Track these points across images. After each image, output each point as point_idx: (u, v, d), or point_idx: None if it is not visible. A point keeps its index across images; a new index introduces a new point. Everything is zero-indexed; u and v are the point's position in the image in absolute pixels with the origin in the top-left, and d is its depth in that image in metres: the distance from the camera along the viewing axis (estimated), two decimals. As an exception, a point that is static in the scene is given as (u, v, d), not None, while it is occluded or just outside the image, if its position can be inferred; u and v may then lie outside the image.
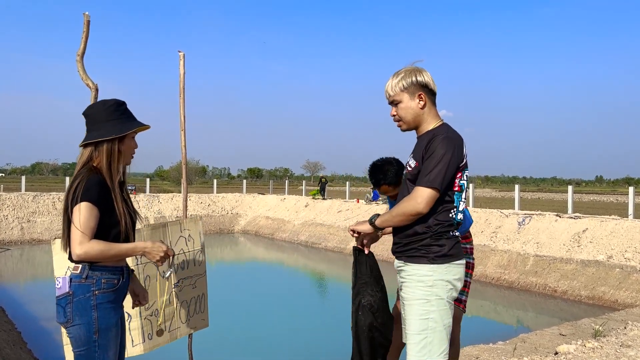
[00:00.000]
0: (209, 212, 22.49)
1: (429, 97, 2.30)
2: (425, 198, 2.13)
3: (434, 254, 2.19)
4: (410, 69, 2.31)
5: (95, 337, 2.08)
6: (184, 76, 3.41)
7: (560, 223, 12.38)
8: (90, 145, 2.21)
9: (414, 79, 2.29)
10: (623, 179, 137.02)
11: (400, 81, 2.30)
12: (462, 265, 2.24)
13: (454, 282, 2.20)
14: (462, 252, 2.29)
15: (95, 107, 2.28)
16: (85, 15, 2.93)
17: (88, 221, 2.04)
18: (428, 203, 2.14)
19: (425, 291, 2.18)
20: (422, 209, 2.14)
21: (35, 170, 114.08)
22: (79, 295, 2.08)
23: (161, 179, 61.45)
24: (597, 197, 52.79)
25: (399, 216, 2.20)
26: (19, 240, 17.50)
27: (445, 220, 2.21)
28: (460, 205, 2.26)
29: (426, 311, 2.17)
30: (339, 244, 16.93)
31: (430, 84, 2.30)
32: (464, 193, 2.28)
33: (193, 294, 3.34)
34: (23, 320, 7.78)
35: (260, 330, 8.13)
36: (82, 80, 2.89)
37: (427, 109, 2.30)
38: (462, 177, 2.24)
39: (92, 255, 2.04)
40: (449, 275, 2.19)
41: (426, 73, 2.31)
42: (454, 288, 2.21)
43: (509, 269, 11.83)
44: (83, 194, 2.06)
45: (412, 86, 2.29)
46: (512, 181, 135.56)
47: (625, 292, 9.64)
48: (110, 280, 2.15)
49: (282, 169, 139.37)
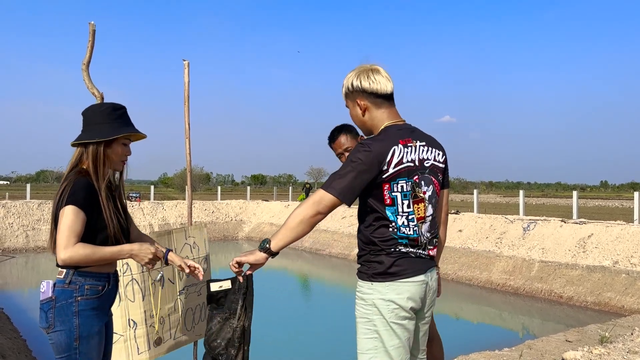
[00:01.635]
0: (213, 219, 22.50)
1: (371, 102, 2.09)
2: (314, 197, 1.99)
3: (372, 270, 2.03)
4: (349, 74, 2.13)
5: (76, 344, 2.05)
6: (189, 84, 3.43)
7: (565, 228, 12.33)
8: (80, 145, 2.19)
9: (349, 85, 2.12)
10: (628, 184, 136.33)
11: (342, 88, 2.17)
12: (412, 283, 2.01)
13: (399, 300, 1.98)
14: (415, 268, 2.03)
15: (92, 108, 2.27)
16: (90, 24, 2.96)
17: (73, 225, 2.00)
18: (318, 202, 1.98)
19: (366, 310, 2.03)
20: (311, 209, 1.98)
21: (40, 178, 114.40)
22: (61, 301, 2.05)
23: (165, 186, 61.52)
24: (602, 202, 52.56)
25: (292, 222, 1.99)
26: (23, 248, 17.55)
27: (382, 236, 2.02)
28: (398, 220, 2.01)
29: (368, 330, 2.02)
30: (343, 250, 16.90)
31: (368, 87, 2.07)
32: (402, 206, 2.01)
33: (198, 301, 3.34)
34: (28, 328, 7.77)
35: (265, 337, 8.11)
36: (88, 89, 2.91)
37: (370, 115, 2.12)
38: (393, 188, 1.99)
39: (77, 259, 2.00)
40: (391, 294, 1.98)
41: (365, 74, 2.09)
42: (399, 307, 1.98)
43: (514, 275, 11.78)
44: (69, 198, 2.03)
45: (350, 93, 2.13)
46: (517, 186, 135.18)
47: (632, 297, 9.58)
48: (95, 286, 2.11)
49: (286, 176, 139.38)
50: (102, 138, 2.17)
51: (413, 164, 2.05)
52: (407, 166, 2.02)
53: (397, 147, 2.01)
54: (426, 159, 2.10)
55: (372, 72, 2.09)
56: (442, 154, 2.20)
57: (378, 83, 2.08)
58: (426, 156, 2.10)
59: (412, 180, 2.04)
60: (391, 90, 2.11)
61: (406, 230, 2.03)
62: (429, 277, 2.11)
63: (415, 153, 2.06)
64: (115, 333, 2.62)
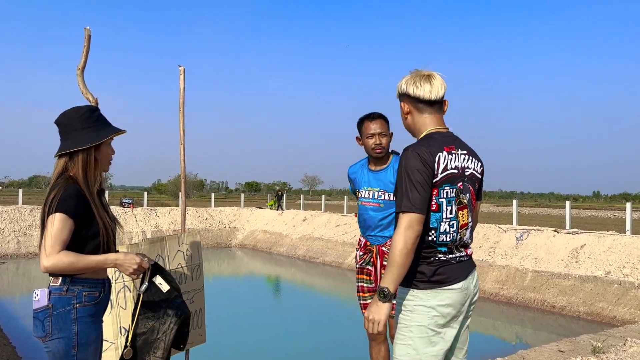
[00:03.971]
0: (206, 226, 22.41)
1: (413, 106, 2.17)
2: (402, 225, 1.94)
3: (414, 279, 2.05)
4: (403, 78, 2.21)
5: (74, 352, 2.03)
6: (184, 90, 3.43)
7: (558, 238, 12.37)
8: (64, 155, 2.13)
9: (398, 89, 2.22)
10: (620, 195, 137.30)
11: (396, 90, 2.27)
12: (454, 291, 2.05)
13: (440, 308, 2.02)
14: (456, 275, 2.07)
15: (68, 115, 2.19)
16: (86, 29, 2.95)
17: (60, 233, 1.96)
18: (407, 227, 1.93)
19: (405, 316, 2.06)
20: (405, 236, 1.92)
21: (32, 184, 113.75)
22: (59, 309, 2.02)
23: (159, 192, 61.32)
24: (595, 212, 52.79)
25: (398, 257, 1.93)
26: (15, 254, 17.39)
27: (424, 244, 2.04)
28: (441, 226, 2.05)
29: (404, 336, 2.05)
30: (336, 259, 16.87)
31: (412, 92, 2.13)
32: (446, 212, 2.06)
33: (191, 309, 3.31)
34: (18, 335, 7.69)
35: (258, 346, 8.06)
36: (83, 94, 2.90)
37: (412, 119, 2.19)
38: (440, 194, 2.04)
39: (60, 267, 1.96)
40: (432, 301, 2.02)
41: (413, 79, 2.15)
42: (440, 315, 2.02)
43: (507, 285, 11.79)
44: (58, 205, 2.00)
45: (399, 95, 2.23)
46: (510, 196, 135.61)
47: (624, 308, 9.61)
48: (92, 293, 2.09)
49: (280, 183, 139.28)
50: (94, 142, 2.13)
51: (457, 170, 2.10)
52: (451, 173, 2.07)
53: (442, 153, 2.06)
54: (467, 168, 2.16)
55: (421, 78, 2.14)
56: (481, 165, 2.26)
57: (423, 89, 2.12)
58: (467, 165, 2.16)
59: (457, 187, 2.09)
60: (436, 98, 2.14)
61: (446, 237, 2.06)
62: (470, 281, 2.14)
63: (458, 161, 2.12)
64: (105, 340, 2.60)
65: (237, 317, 10.12)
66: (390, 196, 3.25)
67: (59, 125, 2.19)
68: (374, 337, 3.43)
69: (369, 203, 3.35)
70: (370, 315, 1.98)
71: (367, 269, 3.40)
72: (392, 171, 3.29)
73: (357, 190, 3.47)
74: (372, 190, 3.34)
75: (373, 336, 3.42)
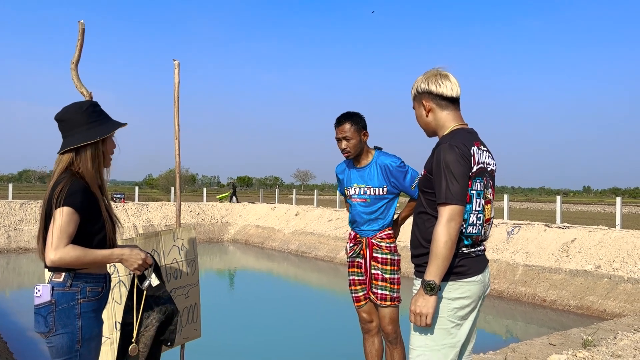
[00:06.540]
0: (198, 221, 22.37)
1: (435, 104, 2.21)
2: (444, 217, 1.99)
3: None
4: (419, 77, 2.26)
5: (77, 347, 2.03)
6: (179, 85, 3.41)
7: (549, 233, 12.47)
8: (70, 151, 2.12)
9: (417, 88, 2.25)
10: (610, 189, 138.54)
11: (411, 90, 2.29)
12: (472, 283, 2.10)
13: (459, 300, 2.07)
14: (476, 268, 2.12)
15: (71, 110, 2.18)
16: (80, 23, 2.93)
17: (67, 226, 1.97)
18: (450, 219, 1.98)
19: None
20: (448, 228, 1.97)
21: (22, 178, 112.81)
22: (62, 304, 2.02)
23: (150, 187, 61.03)
24: (585, 207, 53.25)
25: (442, 250, 1.96)
26: (5, 249, 17.26)
27: None
28: (470, 218, 2.08)
29: (423, 328, 2.07)
30: (329, 253, 16.90)
31: (434, 89, 2.19)
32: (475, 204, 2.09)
33: (186, 303, 3.32)
34: (9, 330, 7.65)
35: (252, 340, 8.07)
36: (77, 88, 2.88)
37: (434, 116, 2.23)
38: (473, 186, 2.08)
39: (67, 261, 1.96)
40: (452, 293, 2.07)
41: (433, 78, 2.21)
42: (460, 307, 2.07)
43: (498, 279, 11.88)
44: (66, 199, 1.99)
45: (418, 95, 2.26)
46: (501, 191, 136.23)
47: (614, 302, 9.72)
48: (95, 288, 2.10)
49: (272, 178, 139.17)
50: (103, 136, 2.15)
51: (484, 165, 2.17)
52: (481, 167, 2.13)
53: (474, 147, 2.12)
54: (489, 164, 2.22)
55: (439, 77, 2.21)
56: (495, 163, 2.31)
57: (445, 87, 2.19)
58: (489, 161, 2.23)
59: (484, 182, 2.15)
60: (456, 95, 2.22)
61: (472, 229, 2.10)
62: (486, 275, 2.20)
63: (483, 156, 2.18)
64: (101, 335, 2.59)
65: (230, 311, 10.13)
66: (376, 191, 3.37)
67: (62, 122, 2.17)
68: (367, 330, 3.47)
69: (356, 199, 3.46)
70: (418, 309, 2.01)
71: (357, 262, 3.47)
72: (375, 167, 3.40)
73: (345, 188, 3.56)
74: (359, 186, 3.45)
75: (366, 329, 3.46)
